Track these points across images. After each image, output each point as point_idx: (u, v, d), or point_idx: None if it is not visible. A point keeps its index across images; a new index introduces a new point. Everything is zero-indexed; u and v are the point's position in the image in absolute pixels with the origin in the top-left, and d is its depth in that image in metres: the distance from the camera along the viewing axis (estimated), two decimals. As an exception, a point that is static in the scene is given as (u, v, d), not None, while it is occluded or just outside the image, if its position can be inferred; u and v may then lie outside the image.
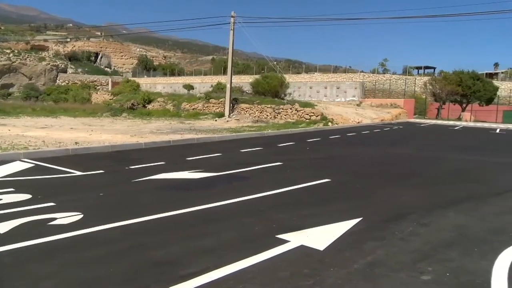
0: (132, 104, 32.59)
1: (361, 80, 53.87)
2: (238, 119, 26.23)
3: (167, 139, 13.73)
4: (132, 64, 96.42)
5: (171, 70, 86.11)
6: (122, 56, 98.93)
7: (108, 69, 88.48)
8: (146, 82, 68.93)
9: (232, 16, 27.12)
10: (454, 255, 4.17)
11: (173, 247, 4.21)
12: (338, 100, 46.54)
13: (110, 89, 58.67)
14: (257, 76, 38.29)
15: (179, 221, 5.12)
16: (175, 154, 11.21)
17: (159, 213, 5.31)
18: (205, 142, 14.31)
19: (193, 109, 30.85)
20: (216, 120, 25.75)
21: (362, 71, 68.70)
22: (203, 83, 61.86)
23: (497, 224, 5.38)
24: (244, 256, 3.92)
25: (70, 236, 4.42)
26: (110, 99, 38.61)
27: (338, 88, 49.26)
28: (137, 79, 60.46)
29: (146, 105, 33.06)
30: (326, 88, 50.33)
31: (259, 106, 27.98)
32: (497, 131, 26.66)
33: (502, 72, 76.65)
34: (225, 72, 40.99)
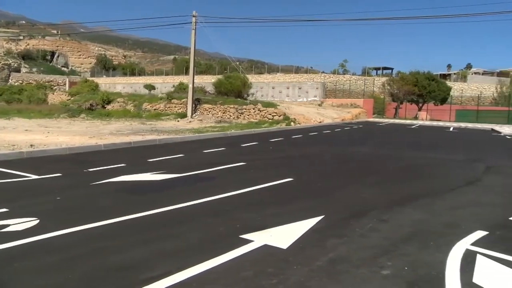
0: (90, 104, 31.64)
1: (322, 81, 54.81)
2: (201, 120, 26.04)
3: (128, 141, 13.43)
4: (90, 63, 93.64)
5: (132, 70, 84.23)
6: (80, 55, 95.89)
7: (65, 69, 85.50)
8: (105, 82, 67.04)
9: (193, 16, 26.89)
10: (412, 249, 4.32)
11: (135, 251, 4.11)
12: (300, 100, 47.12)
13: (67, 89, 56.71)
14: (219, 76, 38.17)
15: (141, 224, 5.01)
16: (136, 156, 10.98)
17: (120, 217, 5.17)
18: (167, 143, 14.10)
19: (154, 109, 30.34)
20: (178, 121, 25.44)
21: (323, 72, 69.97)
22: (164, 83, 60.89)
23: (451, 218, 5.62)
24: (207, 258, 3.89)
25: (25, 243, 4.22)
26: (67, 100, 37.29)
27: (300, 88, 49.87)
28: (96, 79, 58.80)
29: (105, 106, 32.19)
30: (288, 88, 50.84)
31: (222, 106, 27.90)
32: (451, 129, 27.90)
33: (454, 73, 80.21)
34: (187, 72, 40.56)
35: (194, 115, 27.50)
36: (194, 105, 28.00)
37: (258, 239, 4.44)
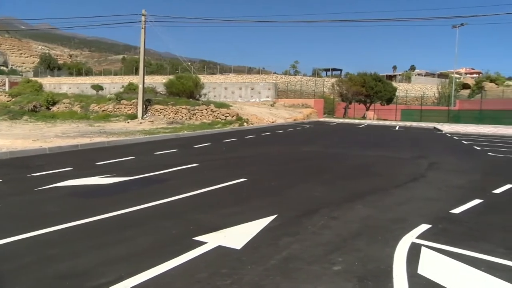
0: (34, 106, 30.02)
1: (274, 81, 55.46)
2: (152, 121, 25.51)
3: (75, 143, 12.89)
4: (33, 63, 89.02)
5: (78, 70, 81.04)
6: (21, 54, 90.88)
7: (5, 68, 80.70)
8: (50, 82, 64.05)
9: (143, 15, 26.29)
10: (361, 245, 4.47)
11: (83, 258, 3.96)
12: (253, 101, 47.38)
13: (7, 90, 53.47)
14: (171, 77, 37.54)
15: (90, 230, 4.83)
16: (83, 159, 10.57)
17: (67, 223, 4.96)
18: (117, 145, 13.69)
19: (103, 110, 29.34)
20: (128, 122, 24.76)
21: (275, 73, 70.81)
22: (113, 84, 59.05)
23: (398, 213, 5.87)
24: (160, 261, 3.82)
25: (-39, 254, 3.95)
26: (8, 101, 35.13)
27: (252, 89, 50.12)
28: (39, 79, 55.85)
29: (50, 107, 30.68)
30: (241, 89, 50.94)
31: (173, 107, 27.47)
32: (397, 128, 29.17)
33: (399, 75, 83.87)
34: (137, 72, 39.59)
35: (144, 116, 26.88)
36: (144, 106, 27.37)
37: (212, 240, 4.42)
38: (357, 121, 38.19)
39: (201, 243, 4.33)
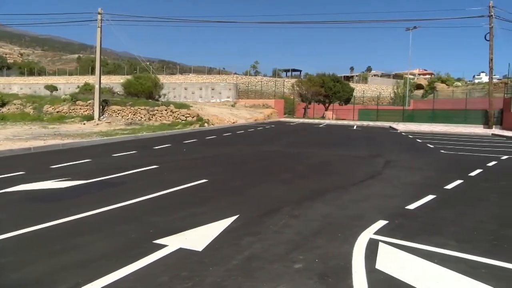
0: (-20, 107, 28.52)
1: (235, 82, 55.43)
2: (109, 122, 24.83)
3: (27, 146, 12.32)
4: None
5: (30, 69, 77.63)
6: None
7: None
8: (-2, 83, 60.94)
9: (99, 13, 25.56)
10: (321, 242, 4.54)
11: (35, 266, 3.78)
12: (214, 101, 47.16)
13: (-49, 90, 50.39)
14: (129, 77, 36.72)
15: (43, 236, 4.62)
16: (37, 162, 10.13)
17: (19, 230, 4.72)
18: (73, 148, 13.21)
19: (57, 112, 28.26)
20: (84, 124, 23.97)
21: (236, 73, 70.86)
22: (68, 84, 57.08)
23: (356, 210, 6.02)
24: (119, 266, 3.72)
25: None
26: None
27: (213, 89, 49.89)
28: (-14, 79, 53.08)
29: (0, 108, 29.23)
30: (201, 89, 50.58)
31: (132, 108, 26.88)
32: (354, 127, 29.94)
33: (356, 75, 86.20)
34: (93, 72, 38.36)
35: (102, 117, 26.13)
36: (101, 107, 26.60)
37: (173, 243, 4.36)
38: (316, 121, 38.86)
39: (162, 246, 4.26)
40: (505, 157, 12.97)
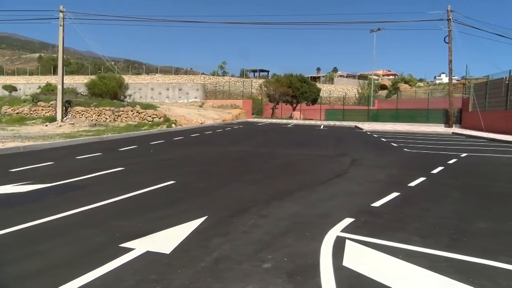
0: None
1: (203, 82, 55.10)
2: (73, 124, 24.12)
3: (-16, 149, 11.78)
4: None
5: (-14, 69, 74.22)
6: None
7: None
8: (-48, 83, 58.02)
9: (61, 11, 24.80)
10: (290, 241, 4.57)
11: (-5, 273, 3.62)
12: (181, 102, 46.71)
13: None
14: (93, 77, 35.78)
15: (2, 244, 4.41)
16: (-5, 166, 9.70)
17: (-25, 236, 4.51)
18: (34, 150, 12.74)
19: (17, 113, 27.21)
20: (46, 125, 23.17)
21: (203, 73, 70.51)
22: (29, 84, 55.03)
23: (324, 209, 6.10)
24: (84, 272, 3.61)
25: None
26: None
27: (180, 89, 49.40)
28: None
29: (-48, 110, 27.84)
30: (168, 89, 49.98)
31: (96, 108, 26.23)
32: (321, 127, 30.38)
33: (323, 76, 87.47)
34: (55, 72, 37.11)
35: (65, 118, 25.36)
36: (64, 108, 25.82)
37: (140, 246, 4.27)
38: (284, 121, 39.18)
39: (128, 250, 4.17)
40: (464, 154, 13.50)
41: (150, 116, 25.56)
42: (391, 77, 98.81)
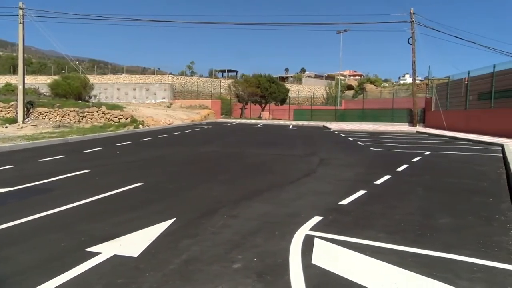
0: None
1: (170, 82, 54.48)
2: (35, 125, 23.30)
3: None
4: None
5: None
6: None
7: None
8: None
9: (20, 8, 23.90)
10: (259, 241, 4.59)
11: (-49, 283, 3.45)
12: (148, 102, 46.02)
13: None
14: (56, 77, 34.75)
15: (-41, 250, 4.23)
16: (-50, 170, 9.24)
17: None
18: (-7, 153, 12.23)
19: (-26, 115, 26.02)
20: (6, 127, 22.29)
21: (171, 73, 69.69)
22: (-13, 84, 52.63)
23: (293, 208, 6.16)
24: (47, 278, 3.49)
25: None
26: None
27: (147, 90, 48.66)
28: None
29: None
30: (135, 90, 49.11)
31: (60, 109, 25.47)
32: (290, 127, 30.63)
33: (291, 76, 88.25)
34: (15, 72, 35.79)
35: (26, 120, 24.47)
36: (26, 109, 24.91)
37: (107, 250, 4.18)
38: (253, 121, 39.27)
39: (94, 254, 4.07)
40: (427, 152, 13.94)
41: (116, 117, 25.04)
42: (357, 77, 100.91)
